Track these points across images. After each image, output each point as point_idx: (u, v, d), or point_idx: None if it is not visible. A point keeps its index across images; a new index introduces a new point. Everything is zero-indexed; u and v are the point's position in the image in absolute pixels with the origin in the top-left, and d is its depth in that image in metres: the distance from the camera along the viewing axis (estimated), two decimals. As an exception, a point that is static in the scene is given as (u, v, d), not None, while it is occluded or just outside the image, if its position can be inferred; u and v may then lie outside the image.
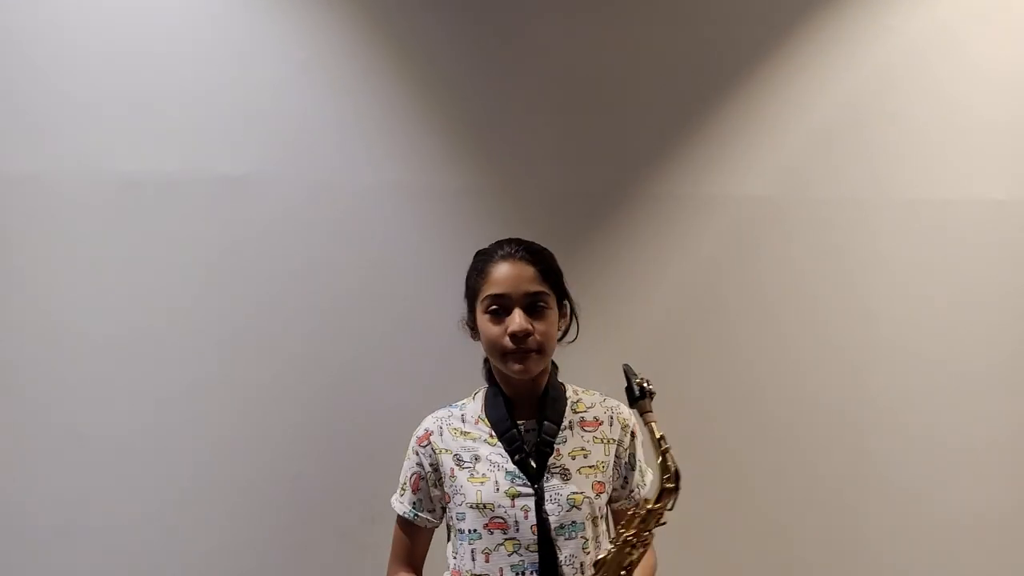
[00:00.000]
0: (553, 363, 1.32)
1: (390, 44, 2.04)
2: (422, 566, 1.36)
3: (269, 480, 1.95)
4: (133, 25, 1.95)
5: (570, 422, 1.29)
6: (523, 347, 1.21)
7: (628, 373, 1.21)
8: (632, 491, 1.34)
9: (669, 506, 1.16)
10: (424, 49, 2.05)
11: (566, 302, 1.32)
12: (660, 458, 1.15)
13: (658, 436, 1.16)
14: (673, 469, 1.15)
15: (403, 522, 1.36)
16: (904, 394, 2.12)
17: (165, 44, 1.96)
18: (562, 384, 1.34)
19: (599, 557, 1.19)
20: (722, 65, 2.12)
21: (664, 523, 1.19)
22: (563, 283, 1.32)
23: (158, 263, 1.96)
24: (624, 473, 1.33)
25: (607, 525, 1.34)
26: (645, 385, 1.18)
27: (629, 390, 1.19)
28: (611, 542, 1.21)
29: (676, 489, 1.15)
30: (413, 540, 1.35)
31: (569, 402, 1.31)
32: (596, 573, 1.18)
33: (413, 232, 2.04)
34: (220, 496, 1.93)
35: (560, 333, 1.32)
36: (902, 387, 2.11)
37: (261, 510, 1.94)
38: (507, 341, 1.21)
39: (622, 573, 1.17)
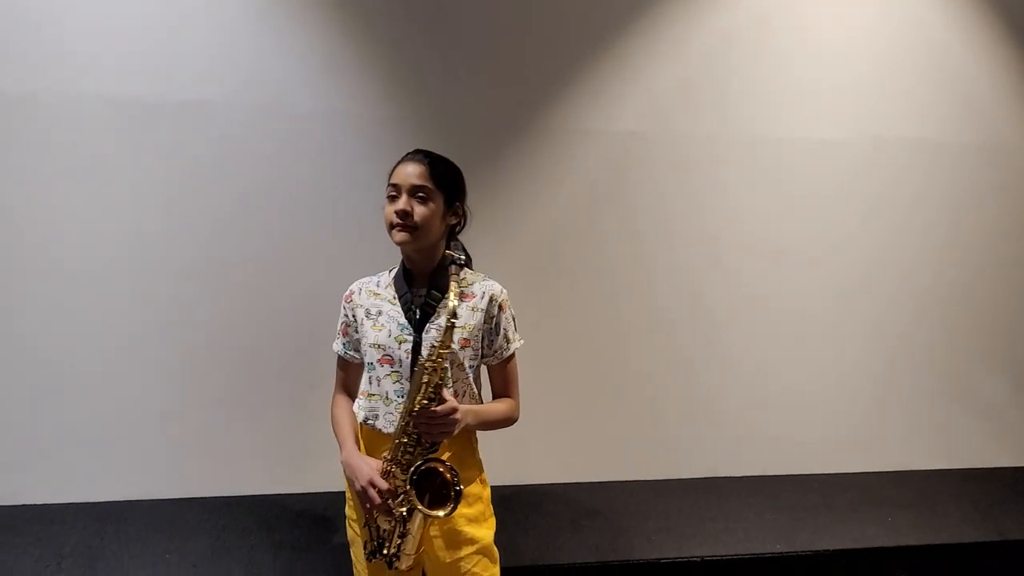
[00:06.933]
0: (463, 251, 1.57)
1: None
2: (356, 391, 1.69)
3: (235, 360, 2.42)
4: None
5: (454, 292, 1.51)
6: (404, 223, 1.52)
7: (454, 250, 1.51)
8: (496, 351, 1.63)
9: (446, 345, 1.44)
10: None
11: (458, 204, 1.60)
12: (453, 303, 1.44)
13: (456, 290, 1.46)
14: (452, 307, 1.43)
15: (339, 359, 1.71)
16: (733, 290, 2.64)
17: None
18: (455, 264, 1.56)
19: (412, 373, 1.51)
20: (605, 18, 2.48)
21: (443, 359, 1.45)
22: (456, 188, 1.59)
23: (127, 180, 2.28)
24: (491, 337, 1.62)
25: (475, 376, 1.65)
26: (456, 257, 1.49)
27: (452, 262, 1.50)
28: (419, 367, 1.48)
29: (452, 327, 1.44)
30: (347, 372, 1.70)
31: (455, 278, 1.53)
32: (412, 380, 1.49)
33: (344, 153, 2.35)
34: (204, 365, 2.40)
35: (459, 228, 1.64)
36: (734, 283, 2.64)
37: (230, 380, 2.42)
38: (394, 217, 1.53)
39: (431, 390, 1.45)
